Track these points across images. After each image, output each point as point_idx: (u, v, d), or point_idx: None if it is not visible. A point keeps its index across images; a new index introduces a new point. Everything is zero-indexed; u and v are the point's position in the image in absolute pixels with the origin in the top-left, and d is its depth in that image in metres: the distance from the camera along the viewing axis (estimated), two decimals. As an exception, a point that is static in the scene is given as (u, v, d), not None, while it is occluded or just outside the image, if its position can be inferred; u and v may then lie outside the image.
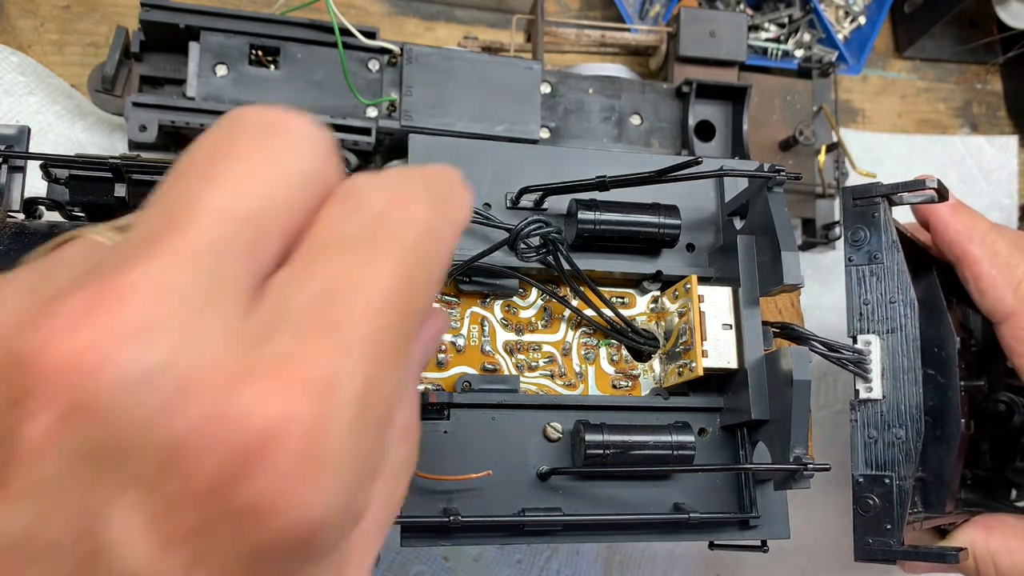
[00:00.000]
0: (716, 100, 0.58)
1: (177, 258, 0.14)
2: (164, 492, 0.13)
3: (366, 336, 0.15)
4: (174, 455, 0.13)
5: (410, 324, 0.16)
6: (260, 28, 0.49)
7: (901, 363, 0.39)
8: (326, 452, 0.14)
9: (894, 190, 0.40)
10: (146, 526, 0.13)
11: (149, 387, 0.13)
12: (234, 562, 0.14)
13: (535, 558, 0.54)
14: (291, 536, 0.14)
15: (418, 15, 0.63)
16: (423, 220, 0.17)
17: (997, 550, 0.44)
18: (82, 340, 0.13)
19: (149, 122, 0.47)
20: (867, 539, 0.39)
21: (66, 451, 0.13)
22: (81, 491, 0.13)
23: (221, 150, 0.16)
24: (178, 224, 0.15)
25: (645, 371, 0.39)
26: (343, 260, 0.15)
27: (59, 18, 0.55)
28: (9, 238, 0.34)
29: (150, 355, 0.13)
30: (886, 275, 0.40)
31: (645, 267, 0.39)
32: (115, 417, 0.13)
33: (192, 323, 0.14)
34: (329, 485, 0.14)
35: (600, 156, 0.40)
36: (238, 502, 0.13)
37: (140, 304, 0.14)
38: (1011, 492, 0.54)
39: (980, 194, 0.70)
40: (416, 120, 0.50)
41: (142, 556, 0.13)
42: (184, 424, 0.13)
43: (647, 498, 0.36)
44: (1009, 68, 0.74)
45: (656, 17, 0.64)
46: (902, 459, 0.39)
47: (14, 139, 0.37)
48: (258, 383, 0.14)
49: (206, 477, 0.13)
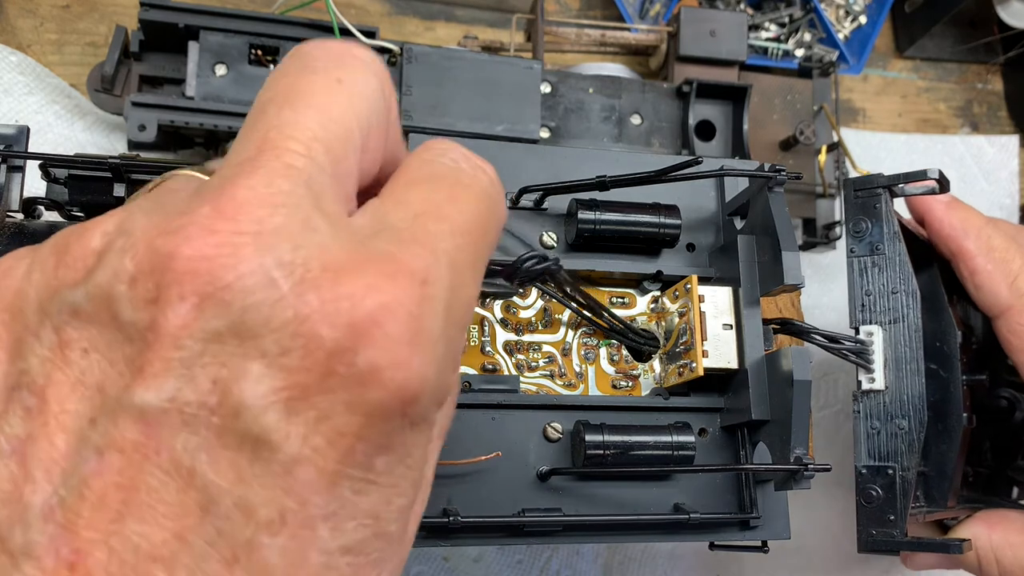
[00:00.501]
0: (716, 100, 0.58)
1: (277, 173, 0.17)
2: (289, 363, 0.16)
3: (450, 250, 0.18)
4: (297, 332, 0.16)
5: (480, 253, 0.19)
6: (260, 28, 0.49)
7: (903, 353, 0.39)
8: (426, 329, 0.17)
9: (895, 181, 0.40)
10: (274, 391, 0.16)
11: (271, 279, 0.16)
12: (350, 421, 0.16)
13: (535, 558, 0.54)
14: (398, 397, 0.16)
15: (418, 15, 0.62)
16: (489, 177, 0.21)
17: (999, 545, 0.44)
18: (209, 244, 0.16)
19: (148, 122, 0.47)
20: (870, 530, 0.39)
21: (201, 333, 0.16)
22: (216, 366, 0.16)
23: (298, 83, 0.19)
24: (271, 147, 0.17)
25: (645, 371, 0.39)
26: (431, 193, 0.19)
27: (58, 18, 0.55)
28: (8, 238, 0.34)
29: (270, 254, 0.16)
30: (888, 266, 0.40)
31: (645, 267, 0.38)
32: (241, 303, 0.16)
33: (302, 225, 0.17)
34: (427, 356, 0.17)
35: (600, 156, 0.40)
36: (355, 368, 0.16)
37: (255, 213, 0.16)
38: (1013, 490, 0.54)
39: (981, 194, 0.70)
40: (416, 120, 0.50)
41: (272, 415, 0.16)
42: (304, 307, 0.16)
43: (647, 498, 0.36)
44: (1010, 68, 0.73)
45: (656, 16, 0.64)
46: (905, 450, 0.39)
47: (13, 139, 0.37)
48: (368, 272, 0.16)
49: (327, 348, 0.16)
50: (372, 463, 0.17)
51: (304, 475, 0.16)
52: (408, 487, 0.18)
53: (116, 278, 0.16)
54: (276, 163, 0.17)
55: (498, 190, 0.21)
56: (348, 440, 0.16)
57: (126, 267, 0.16)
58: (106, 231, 0.18)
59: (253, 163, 0.17)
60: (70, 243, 0.18)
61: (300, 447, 0.16)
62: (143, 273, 0.16)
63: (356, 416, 0.16)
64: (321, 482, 0.16)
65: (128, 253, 0.16)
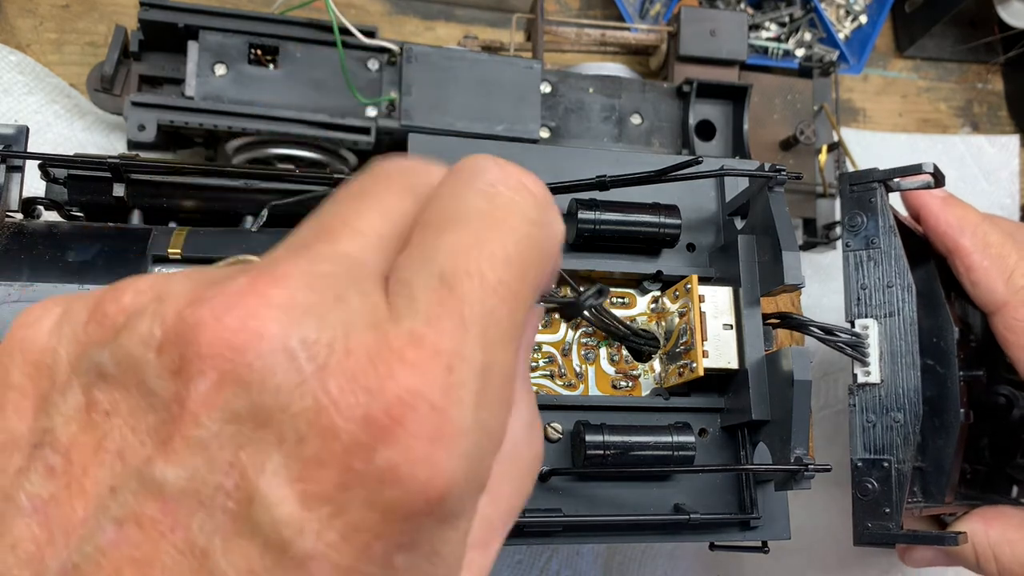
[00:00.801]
0: (717, 99, 0.58)
1: (325, 257, 0.17)
2: (305, 453, 0.15)
3: (480, 317, 0.16)
4: (315, 422, 0.15)
5: (522, 300, 0.18)
6: (259, 27, 0.49)
7: (899, 347, 0.39)
8: (453, 420, 0.15)
9: (891, 175, 0.40)
10: (290, 482, 0.15)
11: (293, 360, 0.15)
12: (367, 517, 0.15)
13: (535, 558, 0.54)
14: (422, 497, 0.15)
15: (418, 14, 0.62)
16: (534, 198, 0.18)
17: (997, 541, 0.44)
18: (236, 317, 0.15)
19: (148, 121, 0.47)
20: (866, 523, 0.39)
21: (220, 414, 0.15)
22: (233, 449, 0.15)
23: (368, 186, 0.19)
24: (328, 234, 0.17)
25: (645, 371, 0.39)
26: (459, 239, 0.17)
27: (58, 17, 0.55)
28: (8, 238, 0.34)
29: (295, 332, 0.15)
30: (883, 259, 0.40)
31: (645, 267, 0.38)
32: (261, 385, 0.15)
33: (333, 306, 0.16)
34: (456, 450, 0.15)
35: (600, 156, 0.40)
36: (375, 464, 0.15)
37: (289, 289, 0.16)
38: (1012, 489, 0.54)
39: (981, 194, 0.70)
40: (416, 120, 0.50)
41: (287, 507, 0.15)
42: (324, 396, 0.15)
43: (647, 499, 0.36)
44: (1010, 68, 0.73)
45: (656, 16, 0.64)
46: (900, 442, 0.39)
47: (13, 139, 0.37)
48: (392, 359, 0.15)
49: (344, 443, 0.15)
50: (392, 561, 0.16)
51: (318, 571, 0.15)
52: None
53: (144, 344, 0.16)
54: (326, 248, 0.17)
55: (545, 212, 0.19)
56: (365, 537, 0.15)
57: (154, 333, 0.16)
58: (139, 290, 0.17)
59: (305, 246, 0.17)
60: (103, 299, 0.17)
61: (314, 542, 0.15)
62: (169, 342, 0.16)
63: (374, 513, 0.15)
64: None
65: (158, 319, 0.16)
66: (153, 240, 0.35)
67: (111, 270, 0.34)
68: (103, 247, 0.34)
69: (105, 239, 0.35)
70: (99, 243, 0.34)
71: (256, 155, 0.50)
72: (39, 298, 0.32)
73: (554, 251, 0.19)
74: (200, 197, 0.39)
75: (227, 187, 0.39)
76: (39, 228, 0.35)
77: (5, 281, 0.32)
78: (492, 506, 0.20)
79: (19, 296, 0.32)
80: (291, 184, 0.39)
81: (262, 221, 0.38)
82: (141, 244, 0.35)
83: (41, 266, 0.33)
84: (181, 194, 0.39)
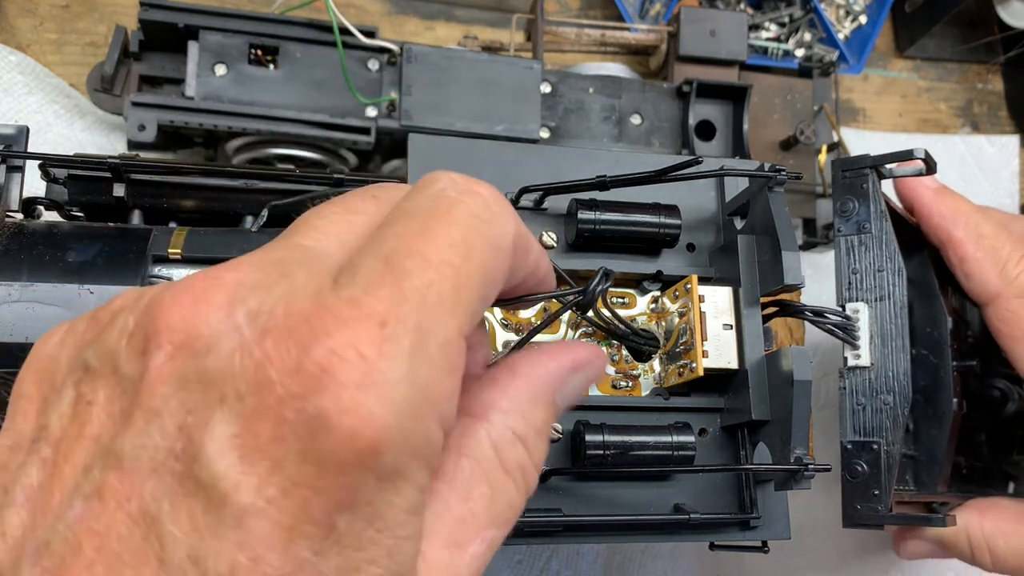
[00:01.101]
0: (716, 99, 0.58)
1: (280, 247, 0.18)
2: (244, 409, 0.16)
3: (419, 287, 0.17)
4: (253, 378, 0.16)
5: (464, 282, 0.18)
6: (259, 27, 0.49)
7: (889, 330, 0.40)
8: (382, 370, 0.16)
9: (882, 160, 0.41)
10: (230, 439, 0.16)
11: (236, 327, 0.16)
12: (303, 471, 0.16)
13: (535, 558, 0.54)
14: (352, 445, 0.16)
15: (418, 14, 0.62)
16: (482, 199, 0.19)
17: (991, 533, 0.44)
18: (189, 296, 0.17)
19: (148, 122, 0.47)
20: (855, 505, 0.39)
21: (172, 380, 0.16)
22: (183, 412, 0.16)
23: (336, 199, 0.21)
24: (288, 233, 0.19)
25: (645, 371, 0.39)
26: (405, 229, 0.18)
27: (58, 17, 0.55)
28: (8, 238, 0.34)
29: (241, 303, 0.17)
30: (874, 244, 0.40)
31: (645, 267, 0.38)
32: (207, 352, 0.16)
33: (279, 280, 0.17)
34: (384, 399, 0.16)
35: (600, 156, 0.40)
36: (306, 413, 0.15)
37: (240, 271, 0.17)
38: (1008, 485, 0.54)
39: (981, 194, 0.70)
40: (416, 120, 0.50)
41: (226, 464, 0.16)
42: (261, 353, 0.16)
43: (647, 499, 0.36)
44: (1010, 68, 0.73)
45: (656, 16, 0.64)
46: (890, 425, 0.39)
47: (13, 139, 0.37)
48: (327, 318, 0.16)
49: (277, 394, 0.16)
50: (332, 521, 0.16)
51: (258, 528, 0.15)
52: (383, 556, 0.17)
53: (120, 334, 0.18)
54: (286, 240, 0.19)
55: (491, 211, 0.19)
56: (303, 492, 0.15)
57: (128, 323, 0.18)
58: (126, 295, 0.19)
59: (267, 245, 0.19)
60: (99, 307, 0.19)
61: (253, 498, 0.15)
62: (139, 327, 0.17)
63: (309, 465, 0.15)
64: (276, 537, 0.15)
65: (134, 312, 0.18)
66: (153, 240, 0.35)
67: (111, 270, 0.34)
68: (103, 247, 0.34)
69: (105, 239, 0.35)
70: (99, 243, 0.34)
71: (256, 155, 0.50)
72: (39, 298, 0.32)
73: (504, 244, 0.19)
74: (200, 197, 0.39)
75: (227, 187, 0.39)
76: (39, 228, 0.35)
77: (5, 281, 0.32)
78: (464, 504, 0.20)
79: (19, 296, 0.32)
80: (291, 184, 0.39)
81: (262, 221, 0.38)
82: (141, 244, 0.35)
83: (41, 266, 0.33)
84: (181, 194, 0.39)
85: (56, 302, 0.32)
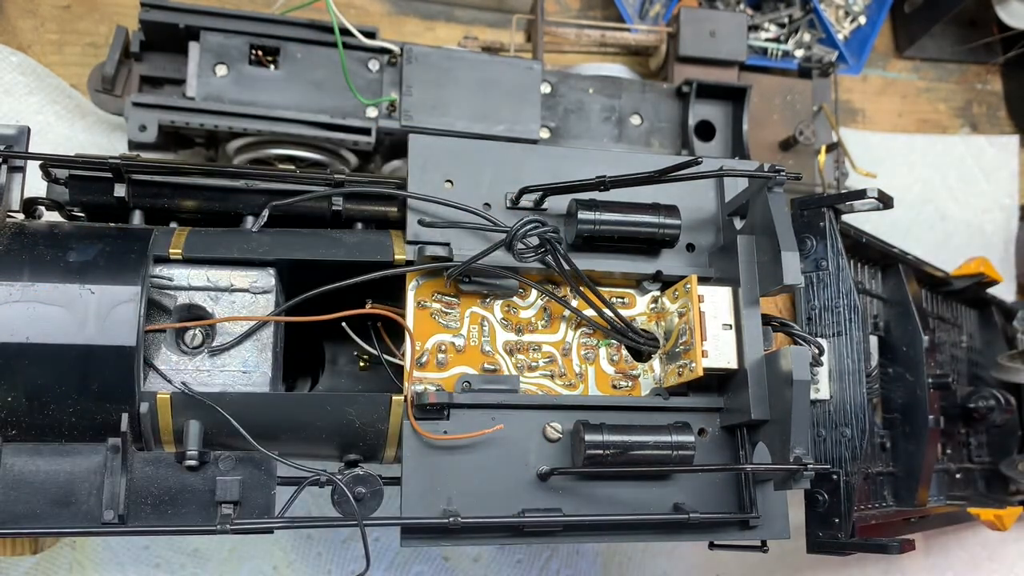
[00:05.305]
0: (716, 100, 0.58)
1: None
2: None
3: None
4: None
5: None
6: (260, 28, 0.49)
7: (847, 365, 0.41)
8: None
9: (839, 200, 0.42)
10: None
11: None
12: None
13: (535, 558, 0.54)
14: None
15: (418, 15, 0.63)
16: None
17: None
18: None
19: (149, 122, 0.47)
20: (817, 532, 0.41)
21: None
22: None
23: None
24: None
25: (645, 371, 0.39)
26: None
27: (59, 18, 0.55)
28: (9, 238, 0.34)
29: None
30: (832, 281, 0.42)
31: (645, 267, 0.39)
32: None
33: None
34: None
35: (600, 156, 0.40)
36: None
37: None
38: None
39: (981, 194, 0.70)
40: (416, 120, 0.50)
41: None
42: None
43: (647, 498, 0.36)
44: (1009, 68, 0.74)
45: (656, 17, 0.64)
46: (848, 456, 0.40)
47: (14, 139, 0.37)
48: None
49: None
50: None
51: None
52: None
53: None
54: None
55: None
56: None
57: None
58: None
59: None
60: None
61: None
62: None
63: None
64: None
65: None
66: (154, 240, 0.35)
67: (112, 270, 0.34)
68: (104, 247, 0.34)
69: (106, 239, 0.35)
70: (100, 243, 0.34)
71: (257, 155, 0.50)
72: (40, 298, 0.32)
73: None
74: (201, 197, 0.39)
75: (228, 187, 0.39)
76: (40, 228, 0.35)
77: (6, 281, 0.32)
78: None
79: (20, 296, 0.32)
80: (292, 184, 0.39)
81: (263, 221, 0.38)
82: (142, 244, 0.35)
83: (42, 266, 0.33)
84: (182, 194, 0.39)
85: (57, 302, 0.33)
